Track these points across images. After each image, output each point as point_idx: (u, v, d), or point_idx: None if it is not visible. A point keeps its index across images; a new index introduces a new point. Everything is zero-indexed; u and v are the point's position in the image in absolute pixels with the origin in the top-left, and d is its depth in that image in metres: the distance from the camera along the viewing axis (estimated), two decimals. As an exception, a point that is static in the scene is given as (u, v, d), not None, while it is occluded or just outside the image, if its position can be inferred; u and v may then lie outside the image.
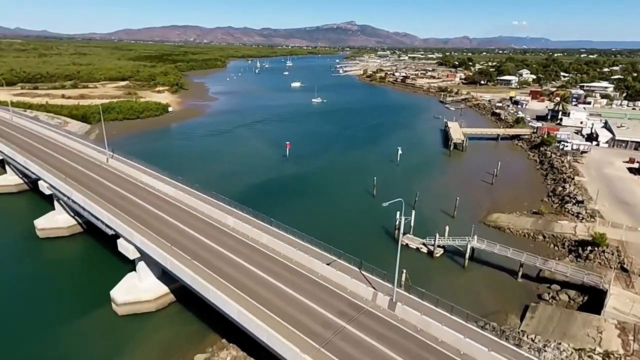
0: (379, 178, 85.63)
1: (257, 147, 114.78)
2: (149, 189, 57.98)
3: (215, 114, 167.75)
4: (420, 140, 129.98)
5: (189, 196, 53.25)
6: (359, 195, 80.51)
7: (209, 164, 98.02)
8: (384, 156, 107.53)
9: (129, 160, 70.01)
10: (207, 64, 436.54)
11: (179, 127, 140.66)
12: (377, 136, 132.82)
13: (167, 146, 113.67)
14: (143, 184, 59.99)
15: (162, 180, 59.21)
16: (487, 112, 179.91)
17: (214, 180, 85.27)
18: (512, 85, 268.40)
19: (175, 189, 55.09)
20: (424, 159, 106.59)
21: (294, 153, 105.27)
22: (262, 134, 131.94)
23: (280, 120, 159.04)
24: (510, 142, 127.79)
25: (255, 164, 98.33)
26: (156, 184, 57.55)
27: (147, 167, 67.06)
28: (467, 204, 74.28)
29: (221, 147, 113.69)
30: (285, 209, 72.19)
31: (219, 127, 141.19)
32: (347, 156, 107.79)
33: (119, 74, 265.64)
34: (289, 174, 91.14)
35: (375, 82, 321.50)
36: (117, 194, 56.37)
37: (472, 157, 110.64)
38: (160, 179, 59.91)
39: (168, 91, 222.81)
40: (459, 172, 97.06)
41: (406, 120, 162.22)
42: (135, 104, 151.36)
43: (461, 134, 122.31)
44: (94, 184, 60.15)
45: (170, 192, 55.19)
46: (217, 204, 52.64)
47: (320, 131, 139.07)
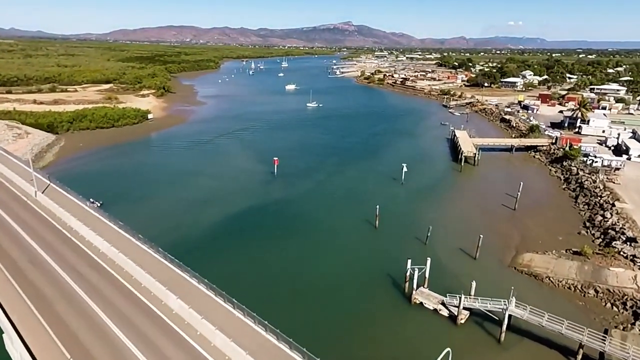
0: (382, 203, 72.09)
1: (241, 163, 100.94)
2: (75, 241, 43.42)
3: (200, 121, 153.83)
4: (426, 152, 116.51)
5: (125, 256, 39.00)
6: (358, 228, 66.82)
7: (181, 186, 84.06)
8: (386, 173, 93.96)
9: (67, 193, 55.69)
10: (199, 65, 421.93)
11: (158, 138, 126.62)
12: (377, 147, 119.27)
13: (138, 162, 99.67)
14: (70, 233, 44.86)
15: (98, 226, 45.04)
16: (495, 118, 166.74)
17: (182, 210, 71.46)
18: (517, 88, 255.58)
19: (109, 244, 40.96)
20: (432, 177, 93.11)
21: (282, 170, 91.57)
22: (248, 146, 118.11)
23: (270, 128, 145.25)
24: (525, 153, 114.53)
25: (236, 186, 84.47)
26: (87, 233, 43.47)
27: (88, 203, 53.09)
28: (490, 239, 60.83)
29: (199, 163, 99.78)
30: (265, 252, 58.57)
31: (202, 137, 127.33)
32: (343, 174, 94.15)
33: (103, 76, 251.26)
34: (275, 200, 77.28)
35: (373, 85, 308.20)
36: (24, 252, 41.43)
37: (486, 174, 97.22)
38: (96, 223, 45.82)
39: (153, 95, 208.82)
40: (474, 194, 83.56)
41: (409, 128, 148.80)
42: (111, 110, 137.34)
43: (472, 146, 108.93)
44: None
45: (102, 246, 41.13)
46: (163, 267, 38.63)
47: (314, 141, 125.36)
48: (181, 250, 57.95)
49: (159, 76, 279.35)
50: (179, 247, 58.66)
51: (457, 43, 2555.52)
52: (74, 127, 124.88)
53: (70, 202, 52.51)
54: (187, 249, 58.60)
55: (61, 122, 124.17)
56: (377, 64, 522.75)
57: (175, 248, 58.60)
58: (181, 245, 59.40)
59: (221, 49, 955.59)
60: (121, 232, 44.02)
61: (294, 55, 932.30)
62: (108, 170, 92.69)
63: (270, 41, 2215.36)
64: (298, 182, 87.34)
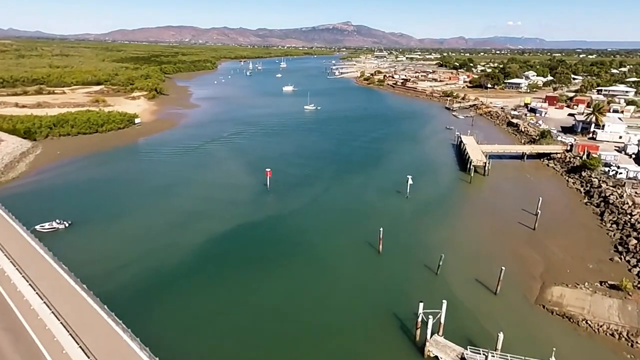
0: (385, 221, 64.47)
1: (231, 174, 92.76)
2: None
3: (191, 126, 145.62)
4: (431, 160, 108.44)
5: (57, 320, 30.47)
6: (359, 253, 58.70)
7: (163, 201, 75.89)
8: (389, 185, 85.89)
9: (10, 218, 47.42)
10: (196, 66, 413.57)
11: (144, 144, 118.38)
12: (379, 155, 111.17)
13: (120, 173, 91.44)
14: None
15: (33, 268, 36.57)
16: (502, 121, 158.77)
17: (161, 231, 63.35)
18: (521, 89, 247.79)
19: (41, 302, 32.46)
20: (439, 190, 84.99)
21: (276, 183, 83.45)
22: (240, 153, 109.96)
23: (265, 133, 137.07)
24: (537, 161, 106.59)
25: (223, 201, 76.27)
26: (19, 282, 34.99)
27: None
28: (510, 267, 52.73)
29: (186, 174, 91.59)
30: (251, 284, 50.59)
31: (191, 143, 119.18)
32: (343, 186, 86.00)
33: (94, 77, 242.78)
34: (266, 219, 69.13)
35: (373, 86, 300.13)
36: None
37: (498, 185, 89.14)
38: (33, 263, 37.45)
39: (145, 97, 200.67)
40: (487, 210, 75.46)
41: (411, 133, 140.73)
42: (95, 115, 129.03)
43: (481, 154, 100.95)
44: None
45: (35, 303, 32.78)
46: (109, 332, 30.33)
47: (311, 148, 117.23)
48: (154, 282, 50.10)
49: (153, 77, 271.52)
50: (151, 278, 50.80)
51: (457, 43, 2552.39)
52: (53, 133, 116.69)
53: (8, 231, 43.94)
54: (162, 280, 50.65)
55: (40, 127, 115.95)
56: (376, 64, 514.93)
57: (147, 280, 50.67)
58: (154, 276, 51.46)
59: (219, 49, 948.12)
60: (64, 278, 35.48)
61: (292, 55, 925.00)
62: (85, 182, 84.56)
63: (269, 41, 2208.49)
64: (292, 196, 79.22)
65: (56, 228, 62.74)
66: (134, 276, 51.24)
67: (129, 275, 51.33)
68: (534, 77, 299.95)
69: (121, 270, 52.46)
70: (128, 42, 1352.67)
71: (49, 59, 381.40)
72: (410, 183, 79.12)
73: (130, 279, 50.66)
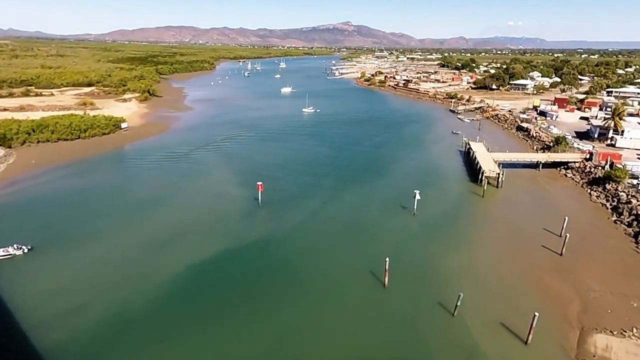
0: (391, 244, 56.83)
1: (219, 186, 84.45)
2: None
3: (182, 130, 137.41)
4: (438, 169, 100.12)
5: None
6: (362, 287, 50.36)
7: (141, 219, 67.68)
8: (393, 199, 77.65)
9: None
10: (193, 67, 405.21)
11: (128, 151, 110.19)
12: (381, 163, 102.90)
13: (97, 185, 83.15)
14: None
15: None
16: (510, 125, 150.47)
17: (133, 258, 55.07)
18: (527, 91, 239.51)
19: None
20: (449, 205, 76.66)
21: (269, 196, 75.23)
22: (232, 161, 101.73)
23: (260, 138, 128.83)
24: (553, 171, 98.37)
25: (208, 220, 68.01)
26: None
27: None
28: (540, 305, 44.54)
29: (170, 186, 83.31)
30: (234, 326, 42.29)
31: (181, 149, 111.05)
32: (342, 200, 77.70)
33: (85, 78, 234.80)
34: (255, 242, 60.85)
35: (374, 87, 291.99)
36: None
37: (514, 199, 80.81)
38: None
39: (136, 99, 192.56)
40: (505, 230, 67.11)
41: (416, 138, 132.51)
42: (77, 119, 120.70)
43: (493, 163, 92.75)
44: None
45: None
46: None
47: (308, 156, 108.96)
48: (117, 329, 41.84)
49: (147, 78, 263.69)
50: (115, 323, 42.56)
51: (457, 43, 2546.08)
52: (31, 140, 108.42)
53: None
54: (127, 326, 42.42)
55: (17, 133, 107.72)
56: (377, 65, 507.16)
57: (109, 325, 42.26)
58: (119, 320, 43.25)
59: (219, 49, 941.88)
60: None
61: (292, 55, 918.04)
62: (58, 196, 76.37)
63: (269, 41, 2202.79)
64: (286, 213, 70.94)
65: (12, 254, 54.51)
66: (94, 320, 43.08)
67: (88, 319, 43.16)
68: (539, 77, 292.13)
69: (79, 312, 44.30)
70: (128, 43, 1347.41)
71: (43, 59, 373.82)
72: (417, 198, 70.88)
73: (88, 324, 42.49)
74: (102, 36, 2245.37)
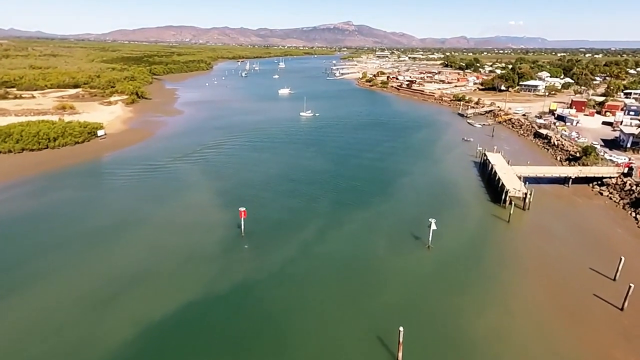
0: (404, 294, 44.57)
1: (197, 209, 71.85)
2: None
3: (167, 137, 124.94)
4: (452, 185, 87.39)
5: None
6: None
7: (95, 253, 55.03)
8: (403, 228, 65.06)
9: None
10: (189, 67, 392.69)
11: (103, 163, 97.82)
12: (387, 178, 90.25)
13: (54, 205, 70.70)
14: None
15: None
16: (526, 131, 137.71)
17: (72, 315, 42.24)
18: (539, 92, 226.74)
19: None
20: (470, 235, 64.03)
21: (254, 224, 62.78)
22: (216, 176, 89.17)
23: (252, 147, 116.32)
24: (584, 187, 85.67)
25: (179, 255, 55.46)
26: None
27: None
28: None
29: (140, 208, 70.78)
30: None
31: (161, 160, 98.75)
32: (343, 228, 65.10)
33: (72, 79, 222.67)
34: (231, 291, 48.29)
35: (376, 88, 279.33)
36: None
37: (547, 227, 68.04)
38: None
39: (123, 102, 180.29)
40: (543, 271, 54.31)
41: (424, 147, 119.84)
42: (47, 126, 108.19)
43: (516, 180, 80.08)
44: None
45: None
46: None
47: (304, 168, 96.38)
48: None
49: (138, 79, 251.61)
50: None
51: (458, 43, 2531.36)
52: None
53: None
54: None
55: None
56: (378, 65, 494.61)
57: None
58: None
59: (218, 49, 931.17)
60: None
61: (292, 55, 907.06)
62: (1, 223, 64.00)
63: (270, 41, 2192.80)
64: (273, 247, 58.37)
65: None
66: None
67: None
68: (548, 78, 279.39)
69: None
70: (128, 42, 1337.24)
71: (34, 59, 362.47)
72: (433, 228, 58.31)
73: None
74: (103, 36, 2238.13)
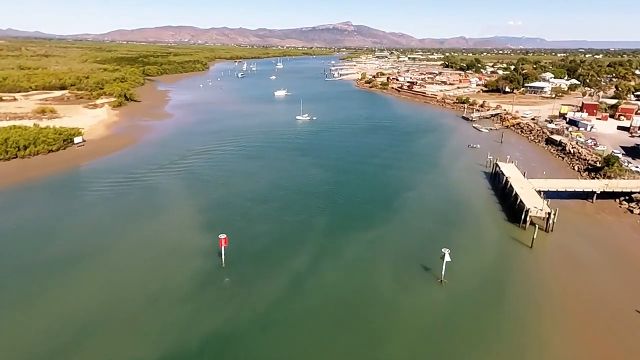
0: (411, 340, 35.38)
1: (173, 231, 62.69)
2: None
3: (151, 144, 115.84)
4: (462, 200, 78.33)
5: None
6: None
7: (44, 290, 45.80)
8: (411, 255, 56.11)
9: None
10: (184, 67, 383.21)
11: (77, 174, 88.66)
12: (390, 193, 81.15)
13: (9, 227, 61.55)
14: None
15: None
16: (537, 137, 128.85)
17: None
18: (545, 94, 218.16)
19: None
20: (489, 264, 55.04)
21: (237, 250, 53.84)
22: (199, 190, 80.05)
23: (242, 155, 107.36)
24: (611, 202, 76.71)
25: (145, 294, 46.31)
26: None
27: None
28: None
29: (109, 231, 61.61)
30: None
31: (141, 171, 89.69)
32: (341, 256, 56.03)
33: (59, 81, 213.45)
34: (208, 339, 39.24)
35: (375, 89, 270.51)
36: None
37: (576, 253, 59.04)
38: None
39: (110, 105, 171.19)
40: (581, 313, 45.41)
41: (428, 155, 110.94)
42: (18, 133, 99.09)
43: (536, 196, 71.16)
44: None
45: None
46: None
47: (297, 182, 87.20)
48: None
49: (129, 80, 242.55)
50: None
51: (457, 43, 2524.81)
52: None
53: None
54: None
55: None
56: (378, 65, 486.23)
57: None
58: None
59: (216, 49, 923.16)
60: None
61: (291, 55, 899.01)
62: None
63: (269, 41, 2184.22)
64: (258, 280, 49.33)
65: None
66: None
67: None
68: (552, 79, 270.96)
69: None
70: (126, 42, 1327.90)
71: (26, 59, 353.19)
72: (447, 260, 49.36)
73: None
74: (101, 36, 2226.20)
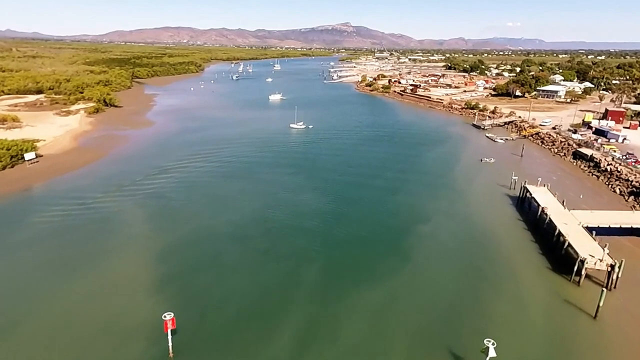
0: None
1: (114, 293, 46.86)
2: None
3: (121, 159, 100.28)
4: (490, 241, 62.66)
5: None
6: None
7: None
8: (432, 335, 40.68)
9: None
10: (176, 69, 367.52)
11: (18, 199, 72.98)
12: (400, 229, 65.56)
13: None
14: None
15: None
16: (562, 150, 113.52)
17: None
18: (560, 99, 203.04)
19: None
20: (541, 346, 39.64)
21: (190, 335, 38.42)
22: (160, 225, 64.42)
23: (221, 174, 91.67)
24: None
25: None
26: None
27: None
28: None
29: (27, 294, 46.16)
30: None
31: (98, 195, 74.21)
32: (334, 340, 40.49)
33: (36, 84, 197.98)
34: None
35: (377, 93, 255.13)
36: None
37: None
38: None
39: (86, 111, 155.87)
40: None
41: (440, 172, 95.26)
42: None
43: (588, 238, 55.71)
44: None
45: None
46: None
47: (285, 210, 71.54)
48: None
49: (114, 83, 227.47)
50: None
51: (456, 44, 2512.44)
52: None
53: None
54: None
55: None
56: (378, 67, 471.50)
57: None
58: None
59: (213, 50, 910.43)
60: None
61: (290, 56, 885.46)
62: None
63: (268, 42, 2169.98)
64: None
65: None
66: None
67: None
68: (562, 82, 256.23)
69: None
70: (124, 43, 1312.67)
71: (11, 61, 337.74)
72: (491, 356, 33.94)
73: None
74: (100, 37, 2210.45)
